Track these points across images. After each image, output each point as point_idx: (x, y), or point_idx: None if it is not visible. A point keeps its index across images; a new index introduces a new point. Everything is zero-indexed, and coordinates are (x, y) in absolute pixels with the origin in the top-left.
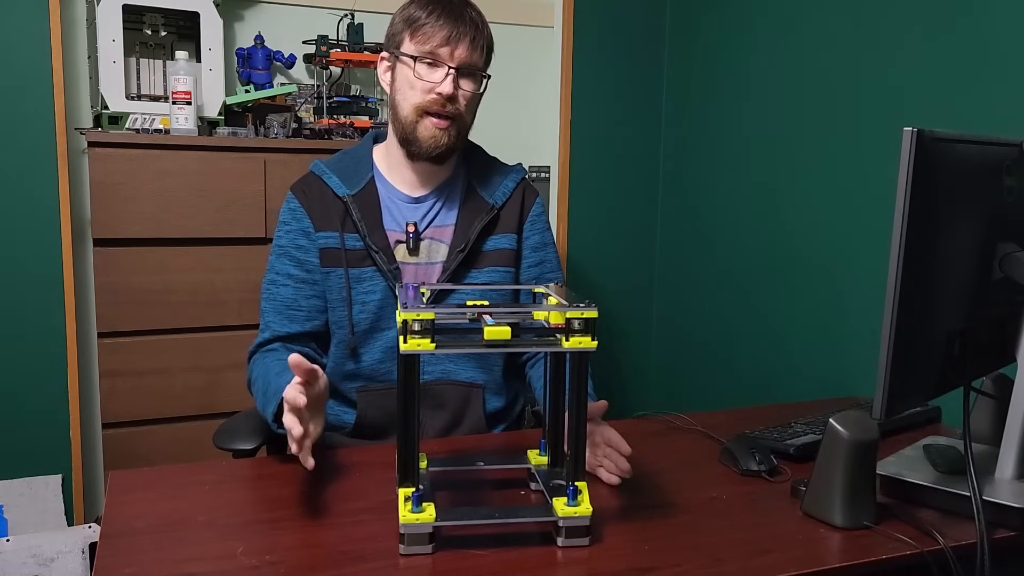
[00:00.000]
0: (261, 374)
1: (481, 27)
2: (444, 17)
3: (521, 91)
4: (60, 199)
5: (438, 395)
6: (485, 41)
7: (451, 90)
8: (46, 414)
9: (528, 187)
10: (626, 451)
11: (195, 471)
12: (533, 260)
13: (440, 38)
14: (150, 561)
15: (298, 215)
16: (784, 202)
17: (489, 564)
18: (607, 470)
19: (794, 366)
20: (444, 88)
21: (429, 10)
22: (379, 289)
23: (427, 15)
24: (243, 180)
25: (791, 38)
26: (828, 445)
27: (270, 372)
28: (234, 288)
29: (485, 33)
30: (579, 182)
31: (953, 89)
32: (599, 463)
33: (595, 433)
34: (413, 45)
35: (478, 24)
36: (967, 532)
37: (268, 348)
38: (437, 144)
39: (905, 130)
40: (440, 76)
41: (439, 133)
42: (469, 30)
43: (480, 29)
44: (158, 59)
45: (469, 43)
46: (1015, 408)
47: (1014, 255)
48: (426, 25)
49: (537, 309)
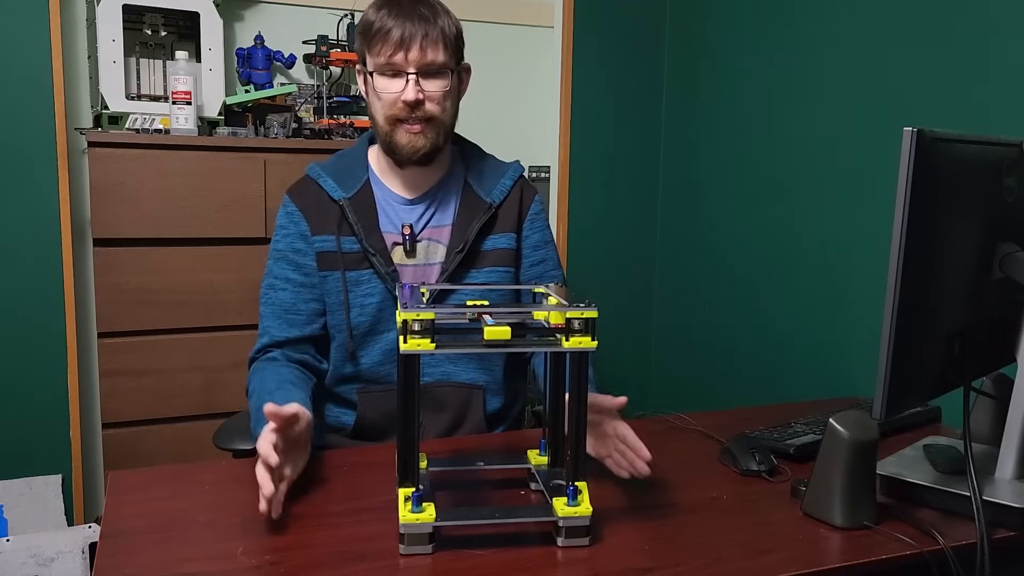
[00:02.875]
0: (257, 387)
1: (433, 20)
2: (392, 20)
3: (521, 91)
4: (60, 199)
5: (439, 397)
6: (440, 34)
7: (413, 97)
8: (46, 414)
9: (526, 184)
10: (646, 456)
11: (195, 471)
12: (534, 259)
13: (392, 45)
14: (150, 561)
15: (295, 219)
16: (784, 202)
17: (489, 564)
18: (616, 463)
19: (794, 366)
20: (407, 96)
21: (379, 15)
22: (377, 292)
23: (377, 21)
24: (243, 180)
25: (791, 38)
26: (828, 445)
27: (265, 389)
28: (234, 288)
29: (440, 25)
30: (579, 182)
31: (953, 89)
32: (608, 454)
33: (606, 424)
34: (371, 58)
35: (429, 18)
36: (967, 532)
37: (268, 356)
38: (415, 149)
39: (905, 130)
40: (400, 85)
41: (414, 138)
42: (419, 29)
43: (432, 23)
44: (158, 59)
45: (420, 43)
46: (1015, 408)
47: (1014, 255)
48: (377, 35)
49: (537, 309)
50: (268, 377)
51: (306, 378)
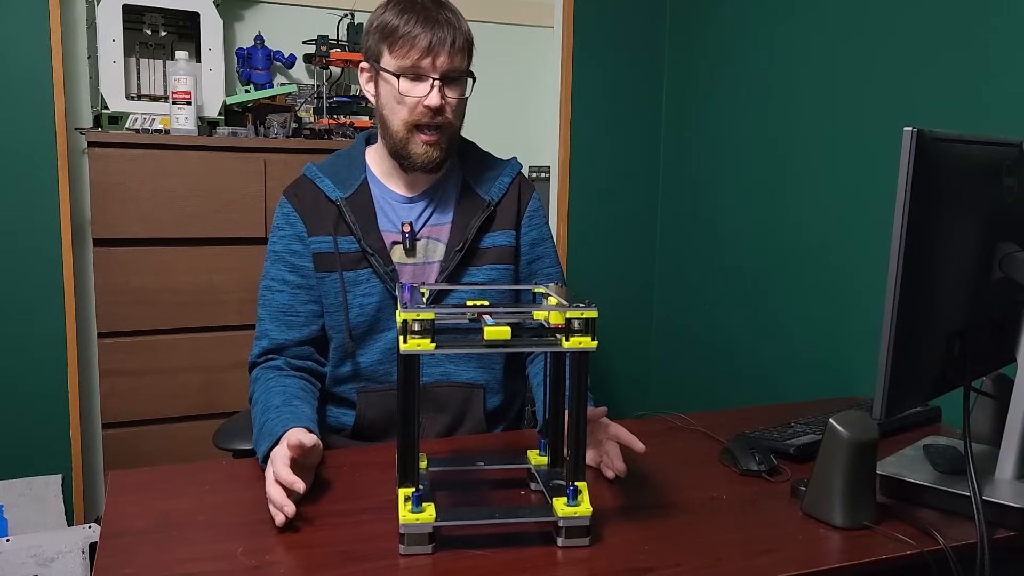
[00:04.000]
0: (262, 399)
1: (457, 26)
2: (420, 25)
3: (521, 91)
4: (60, 199)
5: (439, 398)
6: (464, 40)
7: (438, 102)
8: (46, 414)
9: (524, 181)
10: (639, 448)
11: (195, 471)
12: (532, 256)
13: (420, 49)
14: (150, 561)
15: (291, 220)
16: (783, 202)
17: (489, 564)
18: (605, 465)
19: (794, 366)
20: (431, 101)
21: (404, 19)
22: (376, 291)
23: (403, 24)
24: (243, 180)
25: (791, 38)
26: (828, 445)
27: (270, 403)
28: (234, 288)
29: (463, 30)
30: (579, 182)
31: (953, 89)
32: (601, 459)
33: (599, 431)
34: (393, 60)
35: (454, 24)
36: (967, 532)
37: (271, 364)
38: (430, 159)
39: (905, 130)
40: (425, 89)
41: (430, 149)
42: (447, 35)
43: (457, 28)
44: (158, 59)
45: (449, 48)
46: (1015, 408)
47: (1014, 255)
48: (403, 37)
49: (537, 309)
50: (273, 390)
51: (312, 389)
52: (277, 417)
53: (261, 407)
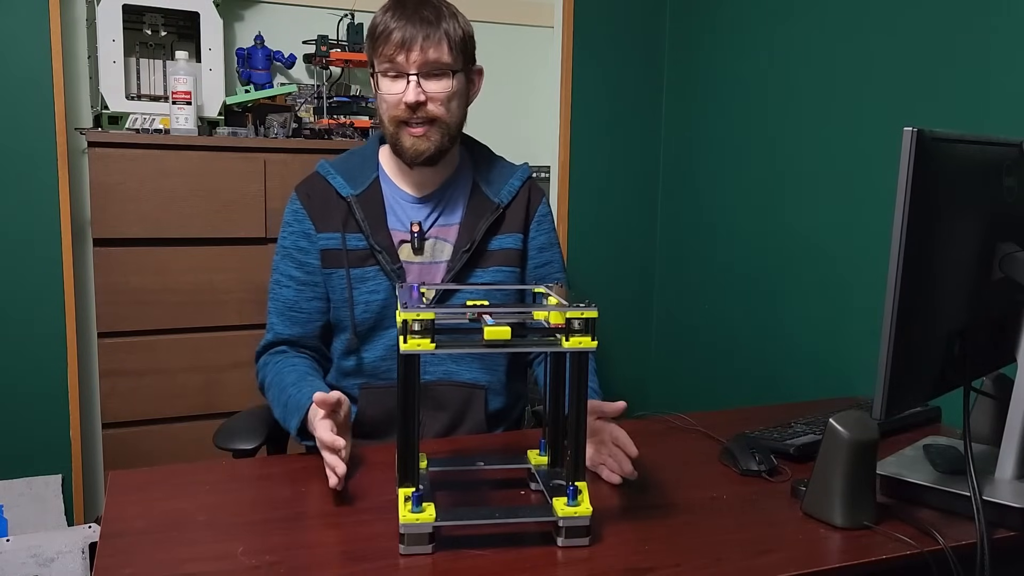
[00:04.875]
0: (275, 381)
1: (437, 22)
2: (395, 21)
3: (521, 91)
4: (60, 199)
5: (439, 397)
6: (444, 36)
7: (413, 98)
8: (46, 414)
9: (534, 186)
10: (633, 452)
11: (195, 471)
12: (539, 261)
13: (394, 46)
14: (150, 561)
15: (299, 216)
16: (784, 202)
17: (489, 564)
18: (609, 468)
19: (794, 366)
20: (407, 97)
21: (385, 18)
22: (383, 289)
23: (382, 24)
24: (243, 180)
25: (791, 38)
26: (828, 445)
27: (286, 382)
28: (234, 288)
29: (443, 27)
30: (579, 182)
31: (953, 89)
32: (602, 461)
33: (603, 431)
34: (376, 60)
35: (431, 20)
36: (967, 532)
37: (276, 350)
38: (418, 152)
39: (905, 130)
40: (402, 86)
41: (417, 141)
42: (420, 30)
43: (435, 24)
44: (158, 59)
45: (422, 43)
46: (1015, 408)
47: (1014, 255)
48: (381, 36)
49: (537, 309)
50: (285, 370)
51: (319, 368)
52: (297, 392)
53: (277, 388)
